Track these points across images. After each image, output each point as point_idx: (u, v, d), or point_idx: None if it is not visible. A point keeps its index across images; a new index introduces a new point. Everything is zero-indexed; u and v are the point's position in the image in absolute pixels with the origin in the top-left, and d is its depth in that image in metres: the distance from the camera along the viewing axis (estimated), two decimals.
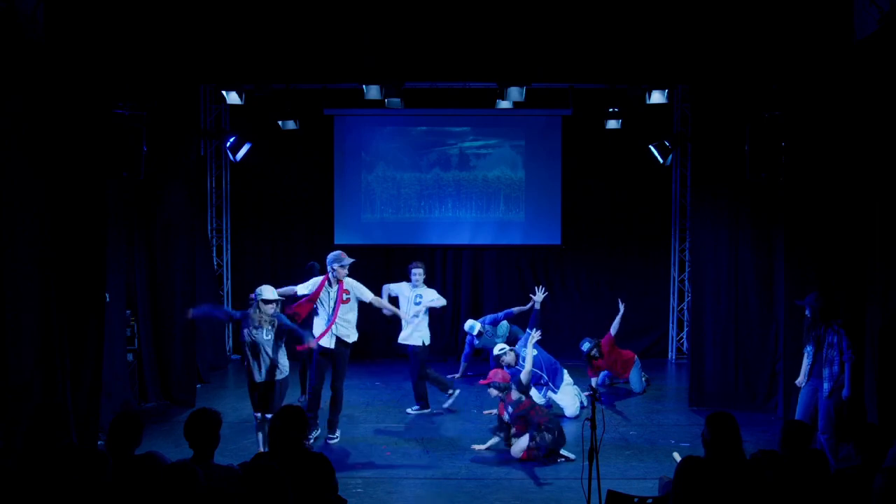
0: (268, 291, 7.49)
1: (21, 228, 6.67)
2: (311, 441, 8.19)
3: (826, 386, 7.20)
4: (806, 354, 7.44)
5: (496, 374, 8.06)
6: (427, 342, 9.46)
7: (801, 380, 7.48)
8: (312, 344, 8.07)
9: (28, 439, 4.55)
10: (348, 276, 8.33)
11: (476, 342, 10.87)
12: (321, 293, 8.28)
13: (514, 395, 7.94)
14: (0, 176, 6.47)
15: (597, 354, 10.12)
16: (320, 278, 8.39)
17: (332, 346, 8.29)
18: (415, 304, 9.44)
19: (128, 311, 9.40)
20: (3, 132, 6.49)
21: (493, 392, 7.94)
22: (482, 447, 8.06)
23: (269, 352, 7.39)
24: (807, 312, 7.33)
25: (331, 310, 8.25)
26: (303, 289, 8.35)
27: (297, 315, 8.16)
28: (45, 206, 6.97)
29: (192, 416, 4.67)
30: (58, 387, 6.99)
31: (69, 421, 6.19)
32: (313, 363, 8.41)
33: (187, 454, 4.60)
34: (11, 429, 6.28)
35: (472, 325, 10.68)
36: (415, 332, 9.38)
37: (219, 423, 4.67)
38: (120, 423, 4.67)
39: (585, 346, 10.14)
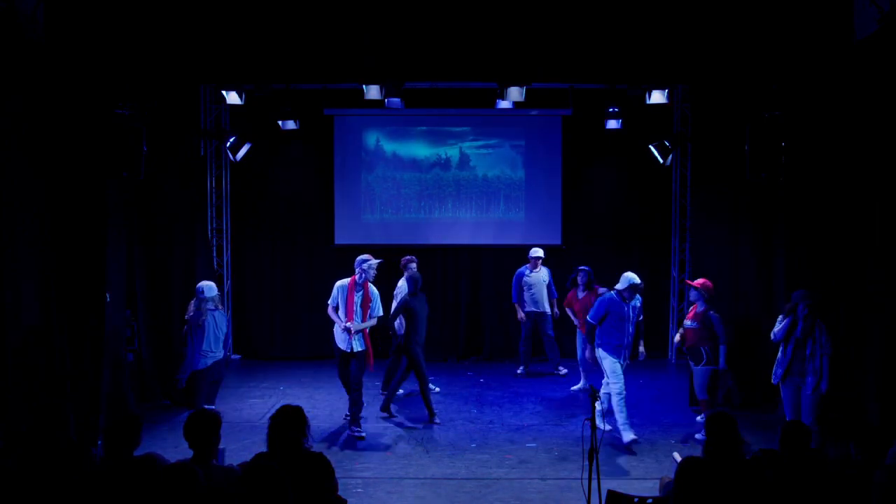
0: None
1: (21, 228, 6.66)
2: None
3: (810, 380, 7.23)
4: (784, 353, 7.45)
5: (705, 284, 8.45)
6: None
7: (778, 380, 7.52)
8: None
9: (28, 439, 4.55)
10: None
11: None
12: (353, 295, 8.41)
13: (700, 307, 8.45)
14: (0, 176, 6.47)
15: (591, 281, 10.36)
16: (345, 282, 8.50)
17: (355, 348, 8.47)
18: None
19: (128, 311, 9.41)
20: (3, 132, 6.48)
21: (693, 295, 8.50)
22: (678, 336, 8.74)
23: None
24: (800, 311, 7.32)
25: (357, 313, 8.42)
26: (339, 300, 8.51)
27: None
28: (45, 206, 6.96)
29: (191, 416, 4.67)
30: (58, 386, 6.99)
31: (69, 421, 6.19)
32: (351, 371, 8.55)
33: (187, 454, 4.61)
34: (11, 428, 6.28)
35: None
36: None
37: (219, 423, 4.68)
38: (119, 424, 4.68)
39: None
